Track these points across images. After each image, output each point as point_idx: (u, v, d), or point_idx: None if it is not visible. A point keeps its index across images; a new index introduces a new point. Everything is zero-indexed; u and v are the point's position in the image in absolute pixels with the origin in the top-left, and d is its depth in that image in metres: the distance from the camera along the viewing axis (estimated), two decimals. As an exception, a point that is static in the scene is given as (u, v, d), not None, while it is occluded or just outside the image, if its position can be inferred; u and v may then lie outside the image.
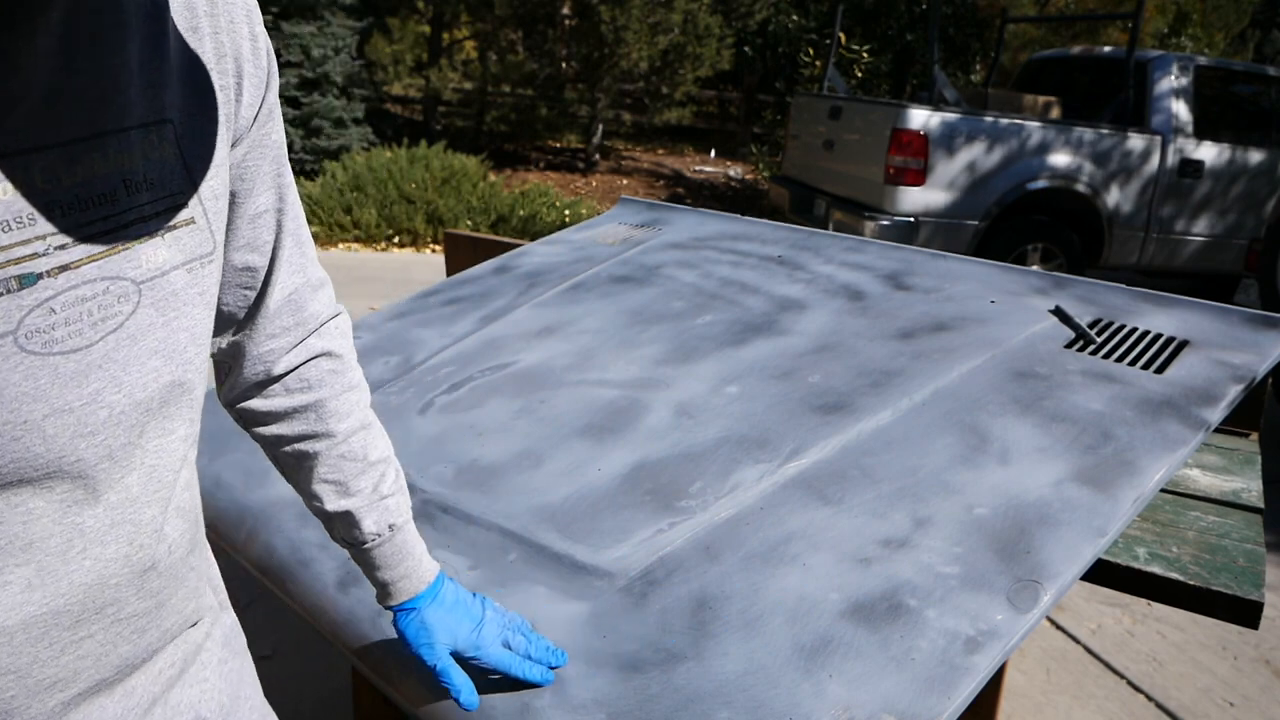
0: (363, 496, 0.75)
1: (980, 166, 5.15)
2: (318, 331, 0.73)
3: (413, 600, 0.79)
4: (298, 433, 0.73)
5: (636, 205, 2.17)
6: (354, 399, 0.76)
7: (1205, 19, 10.52)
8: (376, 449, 0.77)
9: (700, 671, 0.81)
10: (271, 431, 0.74)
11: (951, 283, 1.49)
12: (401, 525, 0.78)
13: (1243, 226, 5.71)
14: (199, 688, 0.66)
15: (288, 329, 0.71)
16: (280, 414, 0.73)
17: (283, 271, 0.68)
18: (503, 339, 1.50)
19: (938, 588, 0.85)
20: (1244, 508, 1.25)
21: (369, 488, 0.75)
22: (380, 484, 0.76)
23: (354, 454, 0.75)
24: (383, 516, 0.76)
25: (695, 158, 10.64)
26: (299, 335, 0.72)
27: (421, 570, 0.79)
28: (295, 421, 0.73)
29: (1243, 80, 5.82)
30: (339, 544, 0.79)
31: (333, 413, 0.74)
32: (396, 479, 0.79)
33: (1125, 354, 1.20)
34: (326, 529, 0.79)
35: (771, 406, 1.19)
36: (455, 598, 0.81)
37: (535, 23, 8.40)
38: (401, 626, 0.79)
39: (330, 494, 0.75)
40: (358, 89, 7.65)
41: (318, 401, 0.73)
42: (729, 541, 0.96)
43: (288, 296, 0.69)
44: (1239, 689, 2.21)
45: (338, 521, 0.76)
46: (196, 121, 0.55)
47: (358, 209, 6.52)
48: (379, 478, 0.76)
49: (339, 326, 0.76)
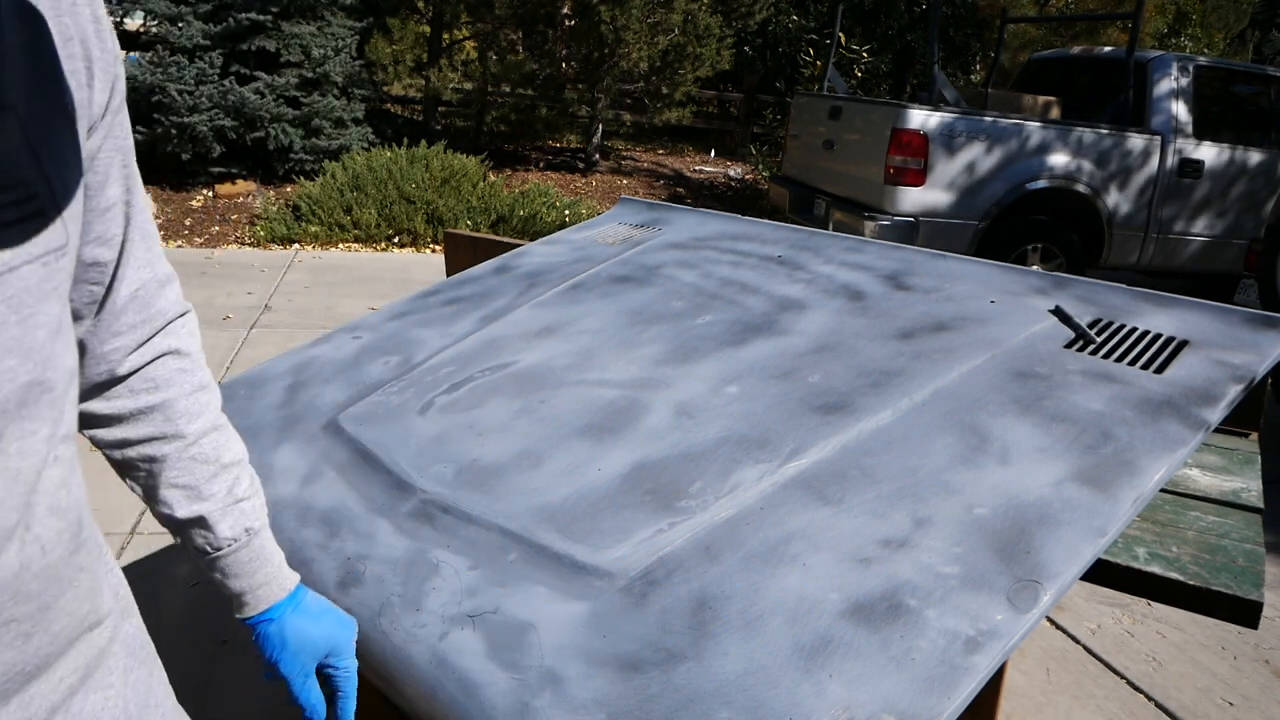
0: (216, 500, 0.72)
1: (980, 167, 5.15)
2: (165, 329, 0.70)
3: (273, 609, 0.75)
4: (144, 435, 0.70)
5: (636, 205, 2.17)
6: (204, 399, 0.72)
7: (1205, 19, 10.52)
8: (230, 451, 0.74)
9: (700, 671, 0.81)
10: (115, 435, 0.70)
11: (951, 283, 1.49)
12: (259, 530, 0.74)
13: (1242, 226, 5.72)
14: (103, 694, 0.63)
15: (134, 326, 0.68)
16: (124, 416, 0.69)
17: (130, 267, 0.66)
18: (503, 339, 1.50)
19: (938, 588, 0.85)
20: (1244, 508, 1.25)
21: (223, 491, 0.72)
22: (235, 487, 0.73)
23: (206, 456, 0.72)
24: (239, 520, 0.73)
25: (695, 158, 10.64)
26: (145, 333, 0.69)
27: (282, 577, 0.76)
28: (142, 424, 0.70)
29: (1243, 80, 5.82)
30: (192, 554, 0.74)
31: (182, 413, 0.71)
32: (251, 483, 0.75)
33: (1125, 354, 1.20)
34: (176, 538, 0.74)
35: (771, 406, 1.19)
36: (320, 606, 0.78)
37: (535, 23, 8.39)
38: (262, 638, 0.75)
39: (181, 499, 0.71)
40: (358, 89, 7.64)
41: (166, 402, 0.70)
42: (729, 541, 0.96)
43: (134, 293, 0.67)
44: (1239, 689, 2.21)
45: (190, 528, 0.72)
46: (43, 108, 0.52)
47: (358, 209, 6.52)
48: (233, 481, 0.73)
49: (186, 325, 0.73)
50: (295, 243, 6.49)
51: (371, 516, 1.09)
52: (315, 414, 1.32)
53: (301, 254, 6.24)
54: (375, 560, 1.02)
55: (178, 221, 6.61)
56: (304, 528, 1.08)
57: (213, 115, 6.62)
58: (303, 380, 1.43)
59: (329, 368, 1.47)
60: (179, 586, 2.32)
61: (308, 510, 1.12)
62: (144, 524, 2.66)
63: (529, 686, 0.83)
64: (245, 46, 6.89)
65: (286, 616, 0.75)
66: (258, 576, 0.74)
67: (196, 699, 1.92)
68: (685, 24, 8.14)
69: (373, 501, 1.11)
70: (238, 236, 6.51)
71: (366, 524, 1.08)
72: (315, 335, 2.34)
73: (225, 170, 7.09)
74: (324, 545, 1.04)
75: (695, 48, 8.28)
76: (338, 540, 1.06)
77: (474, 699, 0.83)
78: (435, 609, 0.93)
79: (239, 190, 7.10)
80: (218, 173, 7.09)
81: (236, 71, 6.87)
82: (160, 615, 2.23)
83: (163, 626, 2.17)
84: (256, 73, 6.88)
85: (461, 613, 0.92)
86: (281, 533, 1.09)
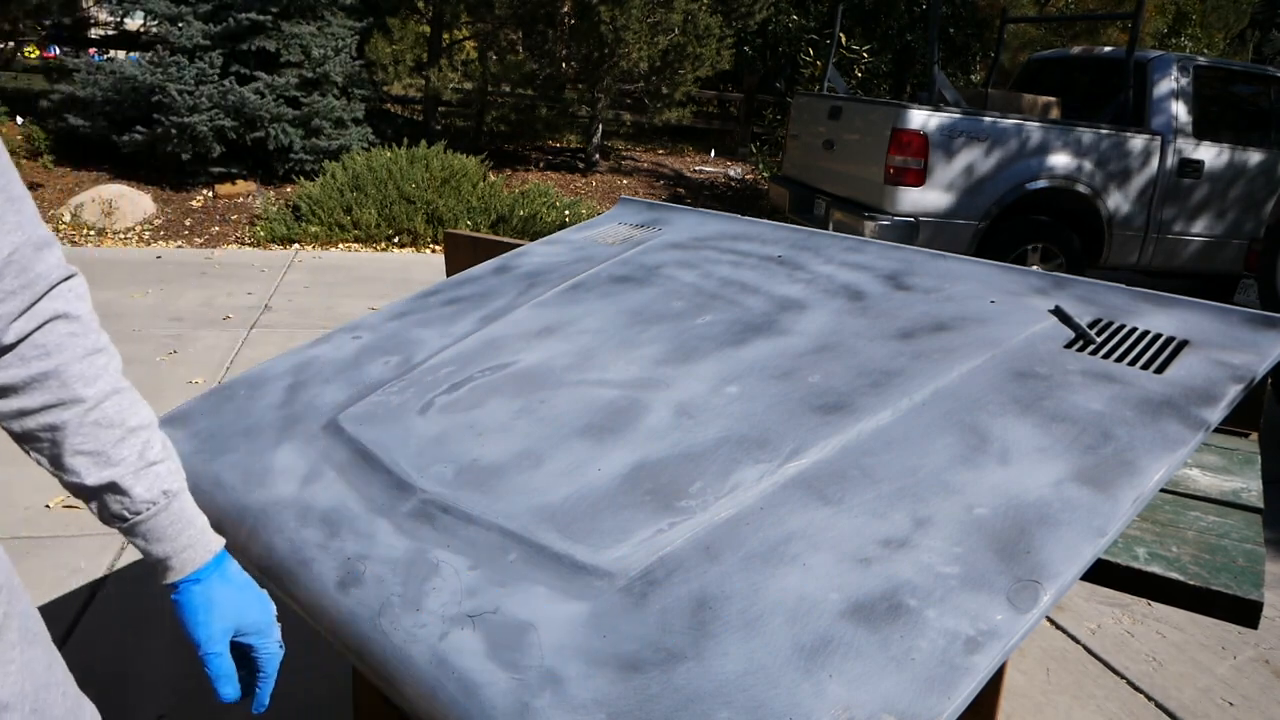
0: (127, 465, 0.70)
1: (980, 167, 5.15)
2: (49, 294, 0.68)
3: (199, 571, 0.73)
4: (41, 403, 0.68)
5: (636, 205, 2.17)
6: (101, 362, 0.70)
7: (1205, 19, 10.52)
8: (136, 415, 0.71)
9: (700, 671, 0.81)
10: (12, 406, 0.68)
11: (951, 283, 1.49)
12: (177, 492, 0.72)
13: (1242, 227, 5.72)
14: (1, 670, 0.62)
15: (13, 293, 0.65)
16: (19, 386, 0.67)
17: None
18: (503, 339, 1.50)
19: (938, 588, 0.85)
20: (1244, 508, 1.25)
21: (133, 455, 0.70)
22: (146, 451, 0.71)
23: (110, 420, 0.69)
24: (155, 483, 0.71)
25: (695, 158, 10.64)
26: (28, 299, 0.67)
27: (207, 539, 0.74)
28: (36, 392, 0.68)
29: (1243, 80, 5.82)
30: (112, 524, 0.72)
31: (77, 377, 0.68)
32: (164, 446, 0.73)
33: (1125, 354, 1.20)
34: (94, 510, 0.72)
35: (771, 406, 1.19)
36: (244, 578, 0.76)
37: (535, 23, 8.39)
38: (183, 601, 0.73)
39: (88, 466, 0.69)
40: (358, 89, 7.64)
41: (58, 368, 0.68)
42: (729, 541, 0.96)
43: (8, 258, 0.64)
44: (1239, 689, 2.21)
45: (104, 494, 0.70)
46: None
47: (358, 209, 6.52)
48: (143, 445, 0.71)
49: (74, 289, 0.71)
50: (295, 243, 6.49)
51: (371, 516, 1.09)
52: (315, 414, 1.32)
53: (301, 254, 6.24)
54: (375, 560, 1.02)
55: (178, 221, 6.61)
56: (304, 528, 1.08)
57: (213, 115, 6.62)
58: (303, 380, 1.43)
59: (329, 368, 1.47)
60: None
61: (308, 510, 1.12)
62: (144, 524, 2.66)
63: (529, 686, 0.83)
64: (245, 46, 6.90)
65: (213, 579, 0.74)
66: (181, 539, 0.73)
67: (197, 699, 1.92)
68: (685, 24, 8.14)
69: (373, 501, 1.11)
70: (238, 236, 6.51)
71: (366, 524, 1.08)
72: (315, 335, 2.34)
73: (225, 170, 7.09)
74: (324, 545, 1.04)
75: (695, 48, 8.28)
76: (338, 540, 1.06)
77: (474, 699, 0.83)
78: (435, 609, 0.93)
79: (239, 190, 7.10)
80: (218, 173, 7.09)
81: (236, 71, 6.87)
82: (161, 616, 2.23)
83: (163, 627, 2.17)
84: (256, 73, 6.88)
85: (461, 613, 0.92)
86: (281, 533, 1.09)
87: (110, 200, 6.47)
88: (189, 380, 3.78)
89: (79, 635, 2.13)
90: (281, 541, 1.08)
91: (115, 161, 7.09)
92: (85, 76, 6.85)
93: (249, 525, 1.12)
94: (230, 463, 1.24)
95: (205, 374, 3.90)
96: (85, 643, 2.10)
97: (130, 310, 4.68)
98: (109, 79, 6.76)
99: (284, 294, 5.21)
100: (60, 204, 6.48)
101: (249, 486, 1.18)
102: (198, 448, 1.28)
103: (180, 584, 0.73)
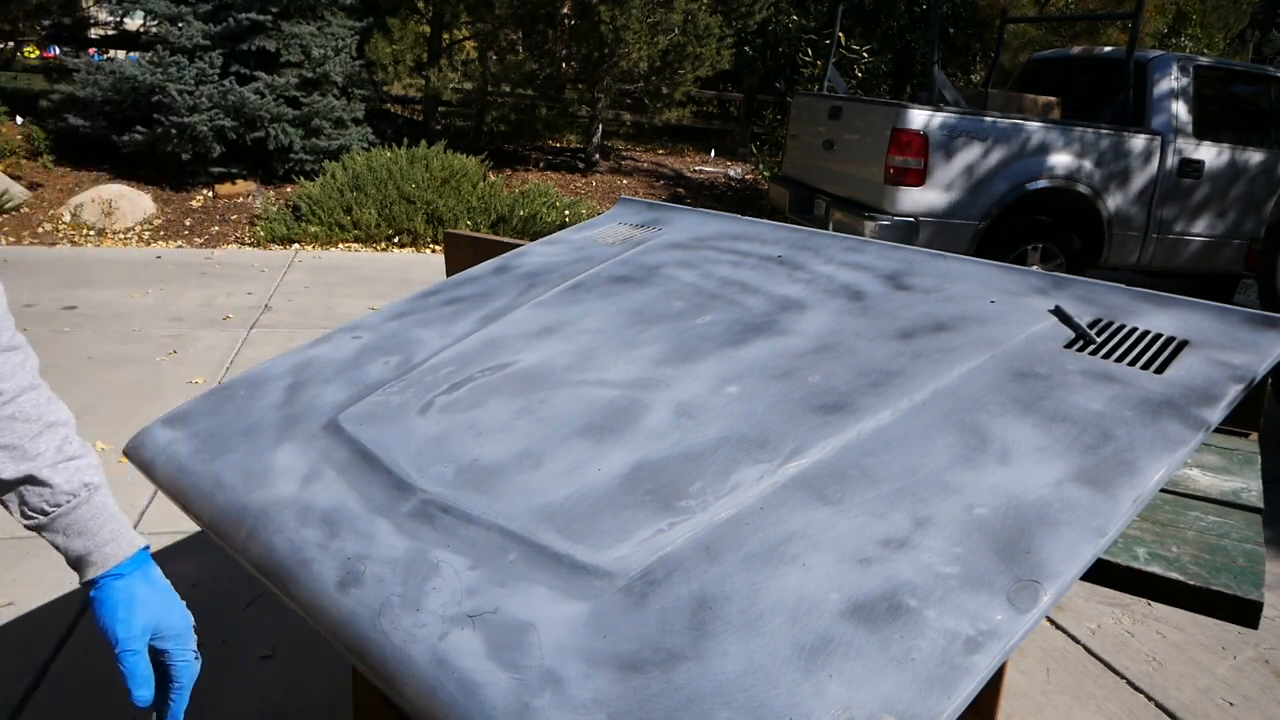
0: (45, 458, 0.69)
1: (980, 167, 5.15)
2: None
3: (121, 566, 0.72)
4: None
5: (636, 205, 2.17)
6: (15, 359, 0.69)
7: (1205, 19, 10.52)
8: (54, 412, 0.71)
9: (700, 671, 0.81)
10: None
11: (951, 283, 1.49)
12: (99, 486, 0.71)
13: (1242, 227, 5.72)
14: None
15: None
16: None
17: None
18: (503, 339, 1.50)
19: (938, 588, 0.85)
20: (1244, 508, 1.25)
21: (51, 449, 0.69)
22: (65, 446, 0.70)
23: (26, 415, 0.68)
24: (75, 475, 0.70)
25: (695, 158, 10.64)
26: None
27: (128, 534, 0.73)
28: None
29: (1243, 80, 5.82)
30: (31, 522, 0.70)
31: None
32: (83, 444, 0.72)
33: (1125, 354, 1.20)
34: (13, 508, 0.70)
35: (771, 406, 1.19)
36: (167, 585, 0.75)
37: (535, 23, 8.39)
38: (102, 597, 0.71)
39: (4, 460, 0.67)
40: (358, 89, 7.64)
41: None
42: (729, 541, 0.96)
43: None
44: (1239, 689, 2.21)
45: (22, 489, 0.69)
46: None
47: (358, 209, 6.52)
48: (62, 440, 0.70)
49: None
50: (295, 243, 6.49)
51: (371, 516, 1.09)
52: (315, 414, 1.32)
53: (301, 254, 6.24)
54: (375, 560, 1.02)
55: (178, 221, 6.61)
56: (304, 528, 1.08)
57: (213, 115, 6.62)
58: (303, 380, 1.43)
59: (329, 368, 1.47)
60: (179, 587, 2.32)
61: (308, 510, 1.12)
62: (143, 524, 2.66)
63: (529, 686, 0.83)
64: (245, 46, 6.90)
65: (136, 576, 0.72)
66: (103, 534, 0.72)
67: (196, 700, 1.92)
68: (685, 24, 8.14)
69: (373, 501, 1.11)
70: (238, 236, 6.51)
71: (366, 524, 1.08)
72: (315, 335, 2.34)
73: (225, 170, 7.09)
74: (324, 545, 1.04)
75: (695, 48, 8.28)
76: (338, 540, 1.06)
77: (474, 699, 0.83)
78: (435, 609, 0.93)
79: (239, 190, 7.10)
80: (218, 173, 7.09)
81: (236, 71, 6.87)
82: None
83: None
84: (256, 73, 6.88)
85: (461, 613, 0.92)
86: (281, 533, 1.09)
87: (110, 200, 6.47)
88: (189, 380, 3.78)
89: (78, 635, 2.13)
90: (281, 541, 1.08)
91: (115, 161, 7.09)
92: (85, 76, 6.85)
93: (249, 525, 1.12)
94: (230, 463, 1.24)
95: (205, 374, 3.90)
96: (84, 643, 2.11)
97: (130, 310, 4.68)
98: (109, 79, 6.76)
99: (284, 294, 5.21)
100: (60, 204, 6.48)
101: (249, 486, 1.18)
102: (198, 448, 1.28)
103: (101, 579, 0.72)
